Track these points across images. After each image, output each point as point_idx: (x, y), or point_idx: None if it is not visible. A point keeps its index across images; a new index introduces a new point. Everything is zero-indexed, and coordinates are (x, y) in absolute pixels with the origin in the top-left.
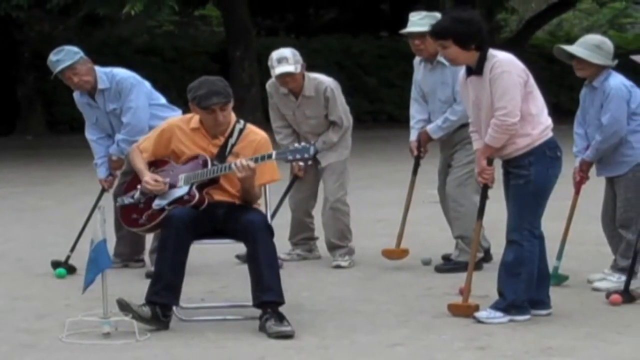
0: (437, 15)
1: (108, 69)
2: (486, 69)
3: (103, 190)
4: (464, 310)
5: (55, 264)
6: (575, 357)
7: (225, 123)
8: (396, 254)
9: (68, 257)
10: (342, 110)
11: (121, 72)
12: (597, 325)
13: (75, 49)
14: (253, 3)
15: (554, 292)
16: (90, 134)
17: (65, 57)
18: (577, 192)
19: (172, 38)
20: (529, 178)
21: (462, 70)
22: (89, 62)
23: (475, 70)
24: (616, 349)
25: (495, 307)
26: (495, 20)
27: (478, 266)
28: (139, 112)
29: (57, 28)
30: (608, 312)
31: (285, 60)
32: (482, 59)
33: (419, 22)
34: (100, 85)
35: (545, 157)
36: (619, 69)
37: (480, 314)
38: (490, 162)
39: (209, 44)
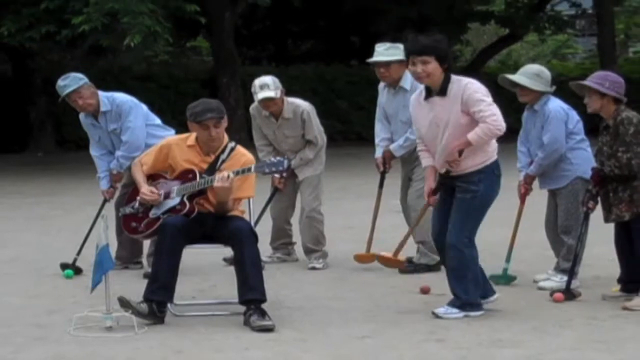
0: (400, 46)
1: (109, 94)
2: (452, 90)
3: (105, 200)
4: (367, 259)
5: (64, 266)
6: (522, 348)
7: (217, 139)
8: (366, 258)
9: (75, 260)
10: (317, 130)
11: (121, 96)
12: (542, 320)
13: (80, 75)
14: (238, 35)
15: (504, 292)
16: (94, 151)
17: (71, 82)
18: (523, 202)
19: (167, 67)
20: (477, 194)
21: (416, 93)
22: (92, 87)
23: (439, 91)
24: (558, 341)
25: (452, 304)
26: (452, 50)
27: (437, 268)
28: (136, 131)
29: (66, 57)
30: (552, 308)
31: (266, 86)
32: (447, 81)
33: (384, 52)
34: (102, 108)
35: (493, 175)
36: (561, 93)
37: (439, 310)
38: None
39: (199, 72)
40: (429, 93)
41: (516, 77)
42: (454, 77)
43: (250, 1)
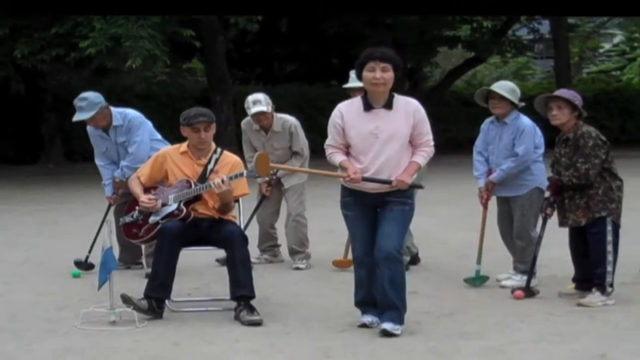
0: None
1: (121, 110)
2: (399, 106)
3: (110, 205)
4: (345, 264)
5: (78, 263)
6: (486, 340)
7: (207, 142)
8: (344, 263)
9: (87, 257)
10: (303, 142)
11: (132, 112)
12: (504, 315)
13: (96, 99)
14: (230, 58)
15: (471, 290)
16: (99, 161)
17: (88, 108)
18: (485, 207)
19: (165, 86)
20: (412, 205)
21: (346, 103)
22: (106, 109)
23: (386, 104)
24: (520, 334)
25: (398, 320)
26: (423, 71)
27: (407, 267)
28: (142, 145)
29: (73, 77)
30: (513, 304)
31: (259, 102)
32: (392, 96)
33: (357, 78)
34: (114, 123)
35: (413, 189)
36: (522, 110)
37: (387, 325)
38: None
39: (194, 91)
40: (369, 105)
41: (498, 88)
42: (396, 94)
43: (240, 27)
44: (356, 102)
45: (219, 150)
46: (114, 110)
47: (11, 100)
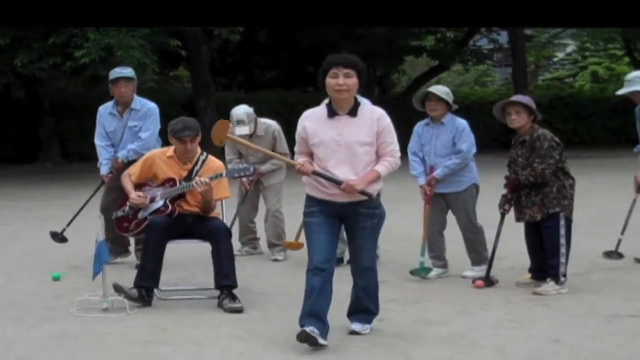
0: None
1: (142, 99)
2: (364, 113)
3: (102, 184)
4: (295, 246)
5: (53, 234)
6: (449, 327)
7: (192, 152)
8: (294, 245)
9: (63, 230)
10: (285, 146)
11: (151, 103)
12: (465, 303)
13: (133, 72)
14: (213, 66)
15: (435, 280)
16: (99, 141)
17: (129, 72)
18: (428, 203)
19: (154, 92)
20: (381, 216)
21: (310, 112)
22: (135, 85)
23: (350, 111)
24: (480, 320)
25: (366, 320)
26: (391, 78)
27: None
28: (154, 135)
29: (69, 84)
30: (474, 293)
31: (242, 122)
32: (357, 102)
33: None
34: (133, 106)
35: (379, 196)
36: (480, 112)
37: (355, 326)
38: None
39: (180, 96)
40: (333, 112)
41: (437, 92)
42: (362, 100)
43: (223, 37)
44: (321, 109)
45: (204, 154)
46: (136, 96)
47: (12, 105)
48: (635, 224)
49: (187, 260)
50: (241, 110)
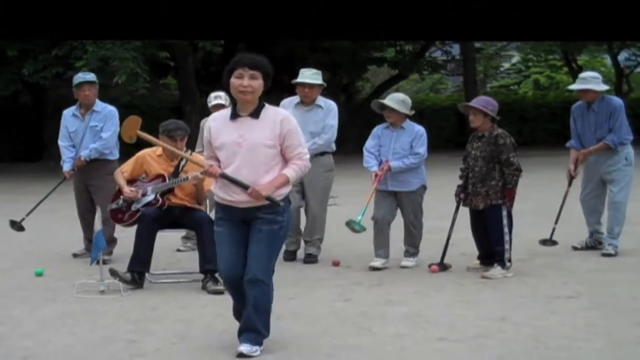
0: (320, 72)
1: (102, 102)
2: (267, 115)
3: (64, 179)
4: None
5: (12, 222)
6: (408, 306)
7: (181, 149)
8: None
9: (22, 219)
10: None
11: (111, 107)
12: (422, 285)
13: (95, 77)
14: (198, 75)
15: (396, 267)
16: (62, 141)
17: (91, 77)
18: (378, 182)
19: (145, 98)
20: (283, 224)
21: (219, 114)
22: (97, 89)
23: (253, 113)
24: (435, 300)
25: (255, 342)
26: (356, 86)
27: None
28: (114, 135)
29: (71, 91)
30: (430, 277)
31: (219, 97)
32: (261, 105)
33: (310, 76)
34: (95, 108)
35: (289, 203)
36: (435, 116)
37: (244, 347)
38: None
39: (168, 102)
40: (236, 114)
41: (388, 102)
42: (267, 104)
43: (207, 50)
44: (226, 111)
45: (189, 151)
46: (97, 100)
47: (19, 109)
48: (567, 213)
49: (175, 247)
50: (220, 91)
